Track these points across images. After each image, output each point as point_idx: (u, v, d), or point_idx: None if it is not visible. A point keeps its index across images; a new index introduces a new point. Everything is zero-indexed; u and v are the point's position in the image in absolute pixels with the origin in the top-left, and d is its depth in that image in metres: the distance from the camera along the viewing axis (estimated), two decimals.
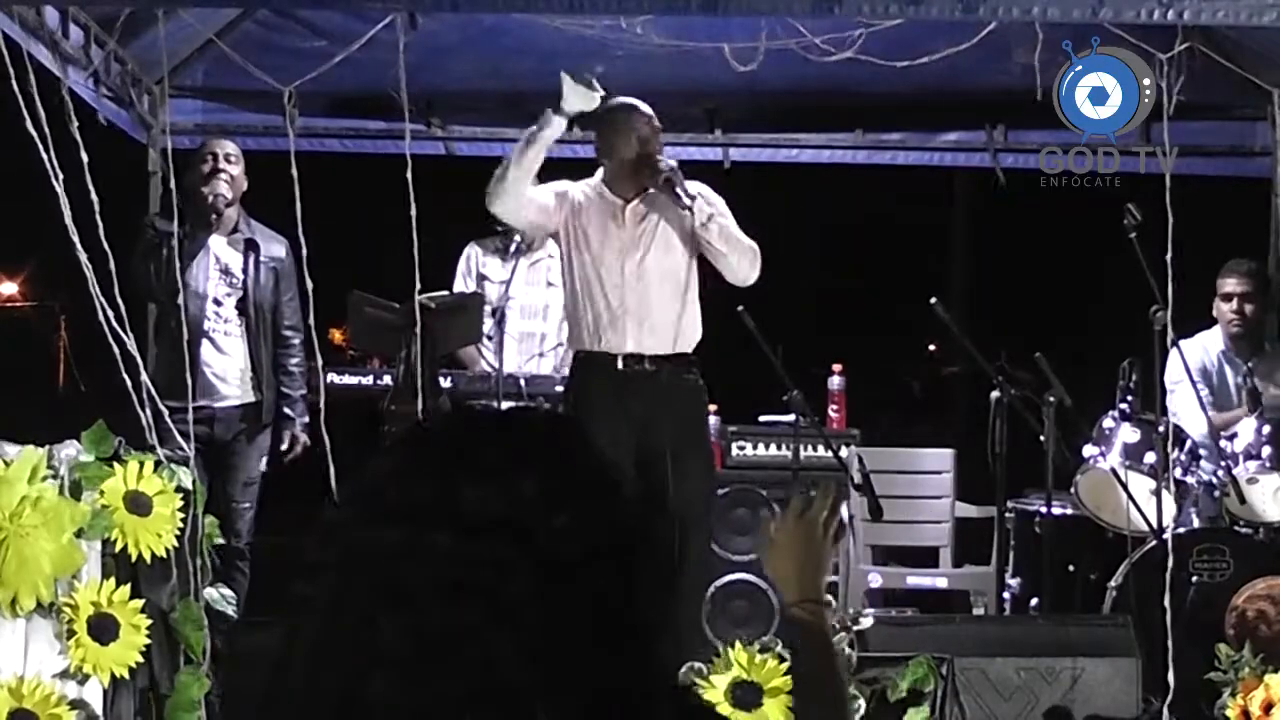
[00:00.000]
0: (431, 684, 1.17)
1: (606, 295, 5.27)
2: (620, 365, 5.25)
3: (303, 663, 1.21)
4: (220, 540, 4.26)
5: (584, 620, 1.20)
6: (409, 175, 4.94)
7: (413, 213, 4.96)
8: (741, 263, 5.27)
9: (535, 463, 1.24)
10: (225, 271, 5.83)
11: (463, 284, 6.44)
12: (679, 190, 5.20)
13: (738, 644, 4.42)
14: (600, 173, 5.43)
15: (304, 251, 5.09)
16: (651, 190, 5.30)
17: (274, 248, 5.90)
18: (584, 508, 1.23)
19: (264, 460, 5.88)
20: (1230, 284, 6.09)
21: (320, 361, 5.36)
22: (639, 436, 5.12)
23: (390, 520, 1.21)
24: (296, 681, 1.21)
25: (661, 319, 5.26)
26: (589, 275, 5.30)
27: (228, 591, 4.23)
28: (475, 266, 6.45)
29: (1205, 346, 6.12)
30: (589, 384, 5.30)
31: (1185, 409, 5.79)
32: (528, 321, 6.33)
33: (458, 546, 1.19)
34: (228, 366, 5.80)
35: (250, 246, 5.84)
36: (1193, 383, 5.73)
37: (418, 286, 5.68)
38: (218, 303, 5.80)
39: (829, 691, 1.93)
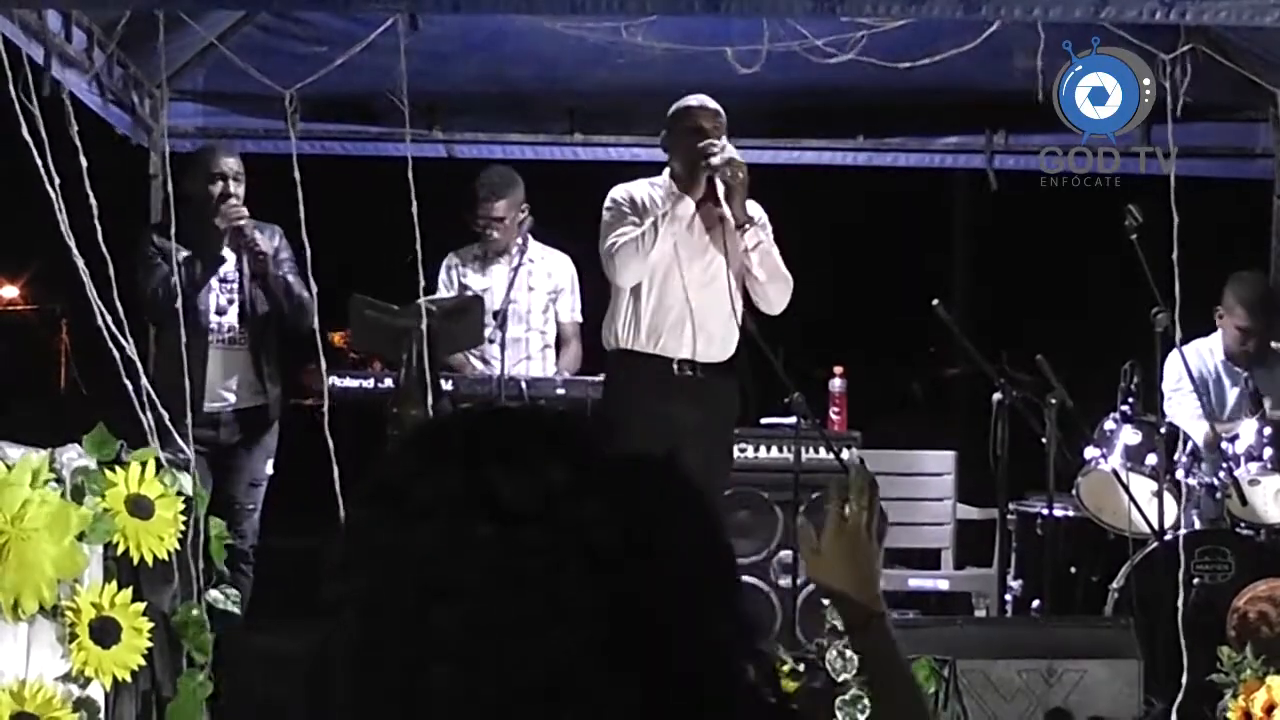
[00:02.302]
0: (496, 675, 1.15)
1: (672, 299, 5.27)
2: (675, 370, 5.27)
3: (350, 664, 1.19)
4: (228, 542, 4.26)
5: (638, 610, 1.19)
6: (410, 176, 4.94)
7: (414, 212, 4.96)
8: (778, 295, 5.38)
9: (561, 453, 1.23)
10: (224, 280, 5.82)
11: (445, 294, 6.43)
12: (720, 192, 5.19)
13: None
14: (667, 171, 5.41)
15: (308, 255, 5.08)
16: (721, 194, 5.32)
17: (268, 242, 5.87)
18: (615, 496, 1.22)
19: (269, 462, 5.88)
20: (1240, 311, 6.02)
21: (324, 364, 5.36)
22: (677, 438, 5.12)
23: (423, 516, 1.19)
24: (347, 682, 1.19)
25: (719, 327, 5.30)
26: (655, 276, 5.29)
27: (232, 591, 4.23)
28: (456, 277, 6.42)
29: (1202, 354, 6.09)
30: (635, 384, 5.31)
31: (1182, 416, 5.78)
32: (512, 327, 6.31)
33: (501, 537, 1.17)
34: (232, 373, 5.78)
35: (246, 248, 5.81)
36: (1195, 388, 5.73)
37: (422, 285, 5.66)
38: (220, 312, 5.79)
39: (906, 711, 1.85)
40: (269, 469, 5.87)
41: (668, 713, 1.19)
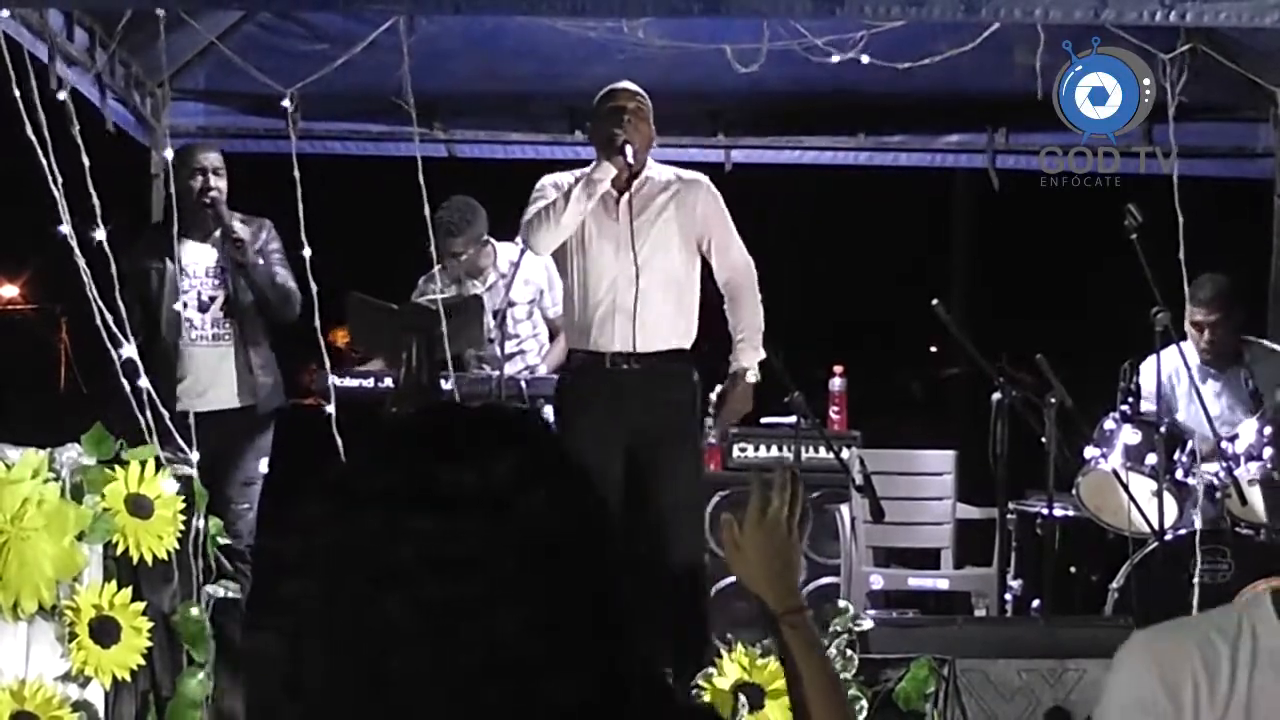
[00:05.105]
0: (445, 657, 1.19)
1: (599, 292, 5.18)
2: (608, 364, 5.18)
3: (317, 655, 1.22)
4: (225, 541, 4.26)
5: (576, 599, 1.22)
6: (420, 177, 4.94)
7: (426, 215, 4.96)
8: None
9: (505, 445, 1.27)
10: (209, 274, 5.81)
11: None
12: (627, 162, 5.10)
13: (739, 646, 4.42)
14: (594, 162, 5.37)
15: (309, 255, 5.08)
16: (650, 179, 5.25)
17: (245, 228, 5.86)
18: (558, 487, 1.26)
19: (263, 460, 5.86)
20: (1199, 314, 5.92)
21: (328, 364, 5.36)
22: (627, 438, 5.07)
23: (366, 507, 1.23)
24: (314, 674, 1.22)
25: (654, 316, 5.14)
26: (584, 271, 5.21)
27: (231, 583, 4.22)
28: (432, 295, 6.38)
29: (1179, 357, 6.04)
30: (578, 384, 5.24)
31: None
32: (506, 345, 6.30)
33: (439, 525, 1.21)
34: (218, 371, 5.77)
35: (224, 235, 5.81)
36: (1196, 387, 5.73)
37: (435, 289, 5.69)
38: (203, 309, 5.79)
39: (833, 702, 1.85)
40: (262, 467, 5.85)
41: (604, 692, 1.22)
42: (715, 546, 6.11)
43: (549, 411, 5.91)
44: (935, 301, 5.77)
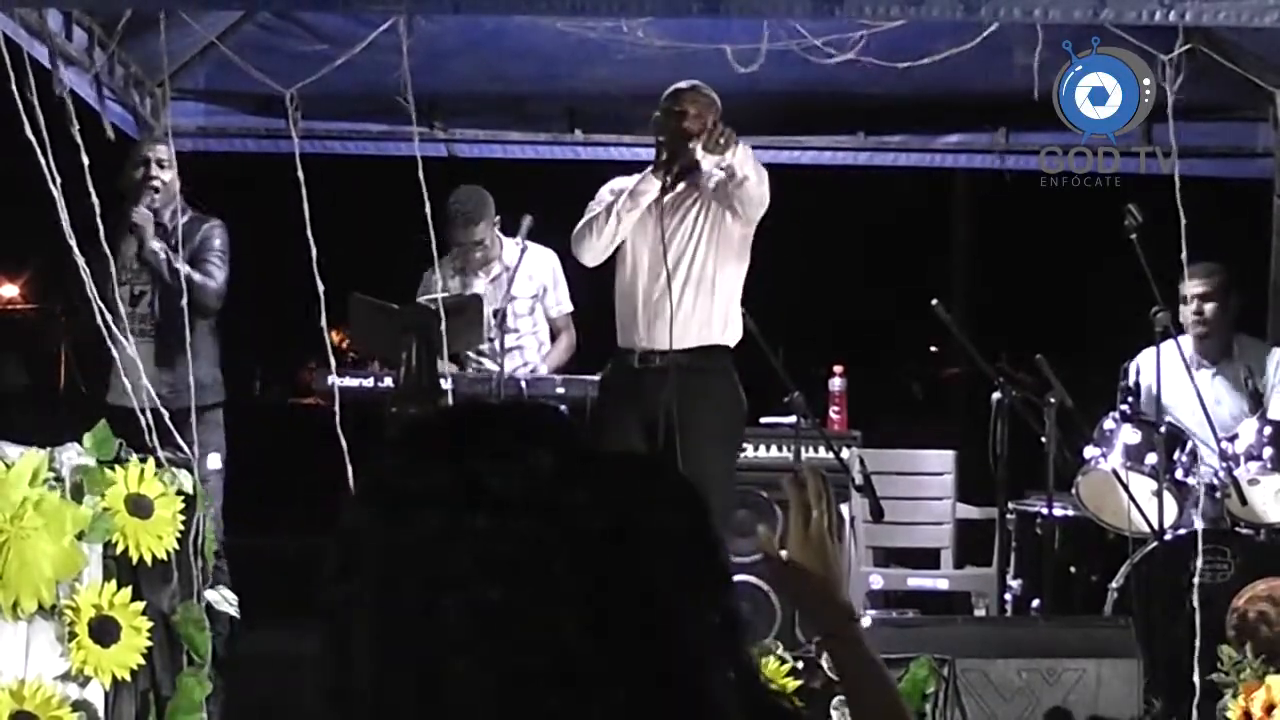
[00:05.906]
0: (501, 660, 1.17)
1: (633, 290, 5.25)
2: (636, 363, 5.23)
3: (368, 660, 1.21)
4: (218, 546, 4.25)
5: (626, 599, 1.20)
6: (421, 177, 4.93)
7: (427, 213, 4.96)
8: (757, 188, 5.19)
9: (545, 443, 1.25)
10: (141, 269, 5.76)
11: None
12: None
13: None
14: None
15: (313, 255, 5.08)
16: (692, 179, 5.26)
17: (144, 215, 5.82)
18: (601, 485, 1.24)
19: (213, 458, 5.78)
20: (1191, 286, 5.83)
21: (333, 365, 5.35)
22: (653, 432, 5.11)
23: (418, 508, 1.21)
24: (363, 680, 1.21)
25: (685, 315, 5.20)
26: (622, 269, 5.29)
27: (229, 594, 4.22)
28: (436, 292, 6.38)
29: (1168, 354, 6.00)
30: (611, 381, 5.33)
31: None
32: (505, 339, 6.31)
33: (493, 525, 1.19)
34: (147, 367, 5.69)
35: (164, 237, 5.79)
36: (1194, 384, 5.72)
37: (437, 283, 5.68)
38: (134, 303, 5.76)
39: (896, 715, 1.81)
40: (212, 464, 5.75)
41: (652, 696, 1.20)
42: None
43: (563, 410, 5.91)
44: (935, 301, 5.77)
